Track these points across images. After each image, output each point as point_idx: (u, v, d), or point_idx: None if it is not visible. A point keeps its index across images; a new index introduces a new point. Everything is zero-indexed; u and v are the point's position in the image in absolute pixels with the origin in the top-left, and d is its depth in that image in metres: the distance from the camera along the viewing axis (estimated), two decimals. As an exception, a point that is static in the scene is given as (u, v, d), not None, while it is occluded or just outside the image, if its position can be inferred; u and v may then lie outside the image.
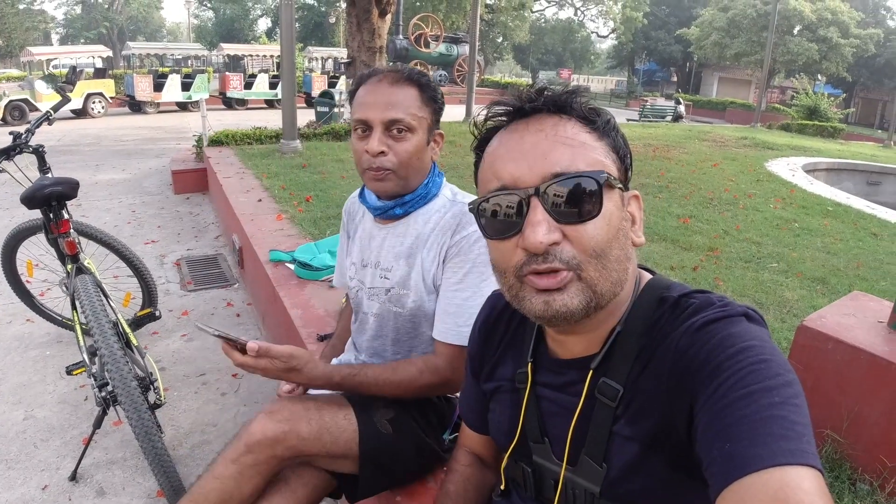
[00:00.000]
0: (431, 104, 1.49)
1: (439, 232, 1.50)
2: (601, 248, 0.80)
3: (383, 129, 1.43)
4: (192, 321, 4.03)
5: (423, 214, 1.54)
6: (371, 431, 1.46)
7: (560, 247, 0.79)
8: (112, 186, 8.10)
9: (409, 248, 1.54)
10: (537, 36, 52.11)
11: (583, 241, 0.79)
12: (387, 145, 1.43)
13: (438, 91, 1.51)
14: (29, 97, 16.54)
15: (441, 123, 1.56)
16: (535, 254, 0.79)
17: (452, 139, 10.00)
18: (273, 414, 1.36)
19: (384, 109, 1.42)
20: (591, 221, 0.79)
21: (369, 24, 8.93)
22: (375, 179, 1.47)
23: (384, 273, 1.58)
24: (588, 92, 0.89)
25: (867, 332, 2.18)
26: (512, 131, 0.85)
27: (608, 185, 0.80)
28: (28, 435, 2.80)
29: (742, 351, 0.72)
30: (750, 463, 0.62)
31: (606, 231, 0.80)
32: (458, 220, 1.48)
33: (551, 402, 0.95)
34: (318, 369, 1.39)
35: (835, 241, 5.70)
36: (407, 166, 1.46)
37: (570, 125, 0.83)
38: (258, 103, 21.85)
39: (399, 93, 1.44)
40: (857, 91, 41.40)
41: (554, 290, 0.80)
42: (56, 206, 2.76)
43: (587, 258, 0.79)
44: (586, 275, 0.80)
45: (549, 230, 0.78)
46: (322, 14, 45.44)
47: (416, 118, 1.45)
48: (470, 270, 1.45)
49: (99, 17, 48.66)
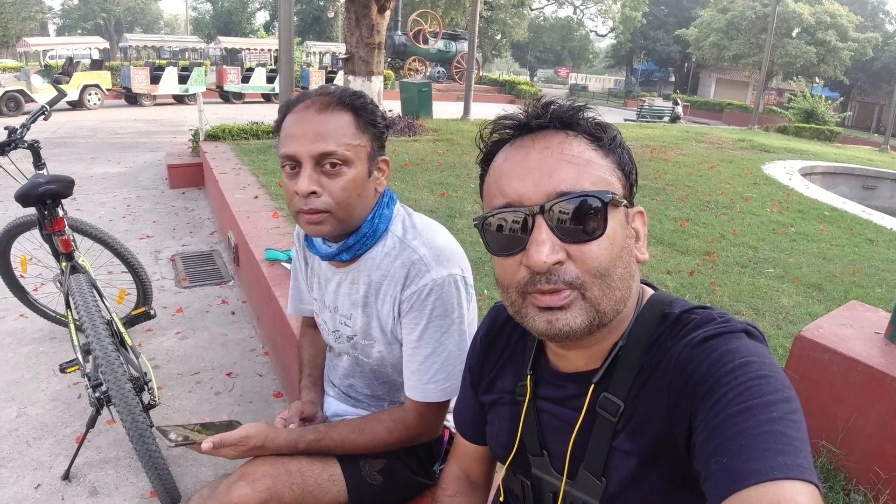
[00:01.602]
0: (370, 129, 1.31)
1: (390, 282, 1.36)
2: (605, 268, 0.79)
3: (314, 165, 1.25)
4: (156, 425, 4.01)
5: (371, 258, 1.39)
6: (360, 484, 1.42)
7: (564, 266, 0.78)
8: (107, 180, 8.06)
9: (363, 297, 1.42)
10: (536, 34, 52.11)
11: (587, 261, 0.79)
12: (319, 183, 1.25)
13: (378, 113, 1.34)
14: (25, 88, 16.45)
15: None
16: (539, 273, 0.78)
17: (450, 137, 10.01)
18: (255, 482, 1.32)
19: (312, 141, 1.24)
20: (595, 241, 0.79)
21: (368, 19, 8.89)
22: (310, 223, 1.29)
23: (344, 320, 1.48)
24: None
25: (864, 344, 2.18)
26: (518, 148, 0.85)
27: (613, 203, 0.80)
28: (21, 433, 2.78)
29: (742, 366, 0.72)
30: (747, 477, 0.63)
31: (610, 250, 0.80)
32: (406, 270, 1.33)
33: (551, 416, 0.95)
34: (279, 439, 1.34)
35: (831, 246, 5.72)
36: (345, 206, 1.29)
37: (576, 142, 0.83)
38: (255, 97, 21.78)
39: (330, 120, 1.26)
40: (854, 94, 41.56)
41: (557, 308, 0.80)
42: (51, 203, 2.74)
43: (591, 278, 0.79)
44: (590, 294, 0.79)
45: (553, 250, 0.78)
46: (321, 8, 45.36)
47: (351, 148, 1.26)
48: (426, 327, 1.33)
49: (96, 8, 48.46)
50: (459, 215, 5.36)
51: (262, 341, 3.75)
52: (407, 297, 1.34)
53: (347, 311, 1.47)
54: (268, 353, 3.59)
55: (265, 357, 3.56)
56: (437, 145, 9.30)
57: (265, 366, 3.47)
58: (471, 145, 8.06)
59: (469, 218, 5.24)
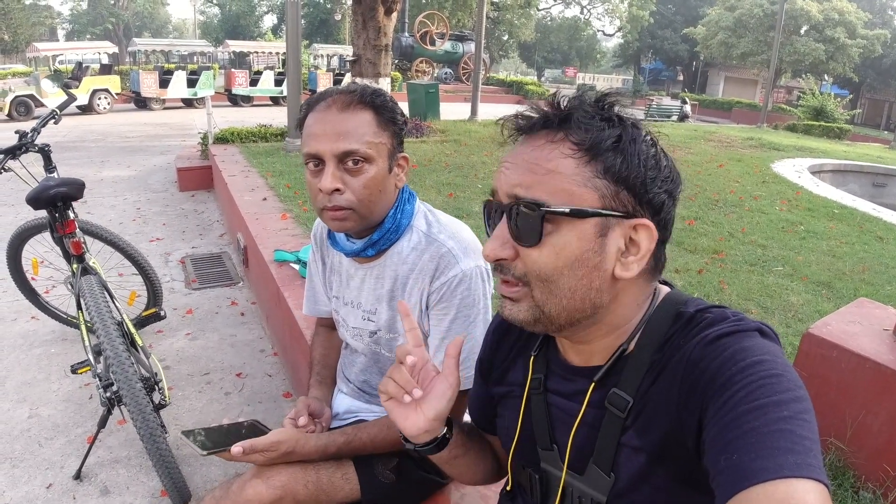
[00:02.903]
0: (390, 126, 1.34)
1: (418, 275, 1.39)
2: (546, 275, 0.82)
3: (337, 163, 1.28)
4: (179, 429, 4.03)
5: (397, 253, 1.42)
6: (373, 484, 1.43)
7: (514, 262, 0.84)
8: (117, 183, 8.12)
9: (389, 292, 1.44)
10: (543, 34, 52.03)
11: (527, 264, 0.83)
12: (342, 181, 1.29)
13: (397, 110, 1.37)
14: (35, 93, 16.57)
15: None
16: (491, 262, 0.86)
17: (458, 138, 10.01)
18: (269, 480, 1.33)
19: (335, 140, 1.27)
20: (534, 248, 0.81)
21: (375, 21, 8.91)
22: (334, 220, 1.33)
23: (368, 315, 1.50)
24: (594, 91, 0.88)
25: (872, 341, 2.17)
26: (522, 142, 0.86)
27: (557, 215, 0.79)
28: (33, 433, 2.81)
29: (754, 365, 0.72)
30: (756, 475, 0.62)
31: (554, 260, 0.81)
32: (435, 263, 1.36)
33: (560, 410, 0.95)
34: (309, 445, 1.35)
35: (840, 244, 5.69)
36: (368, 202, 1.32)
37: (555, 148, 0.81)
38: (263, 100, 21.85)
39: (351, 119, 1.28)
40: (863, 92, 41.32)
41: (508, 298, 0.86)
42: (62, 206, 2.77)
43: (534, 279, 0.83)
44: (535, 294, 0.83)
45: (502, 246, 0.83)
46: (328, 11, 45.49)
47: (372, 146, 1.29)
48: (455, 317, 1.36)
49: (105, 13, 48.78)
50: (467, 215, 5.38)
51: (271, 342, 3.77)
52: (436, 289, 1.36)
53: (372, 307, 1.48)
54: (277, 354, 3.60)
55: (274, 357, 3.58)
56: (444, 146, 9.30)
57: (274, 366, 3.48)
58: (478, 146, 8.06)
59: (477, 218, 5.25)
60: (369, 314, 1.50)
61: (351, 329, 1.56)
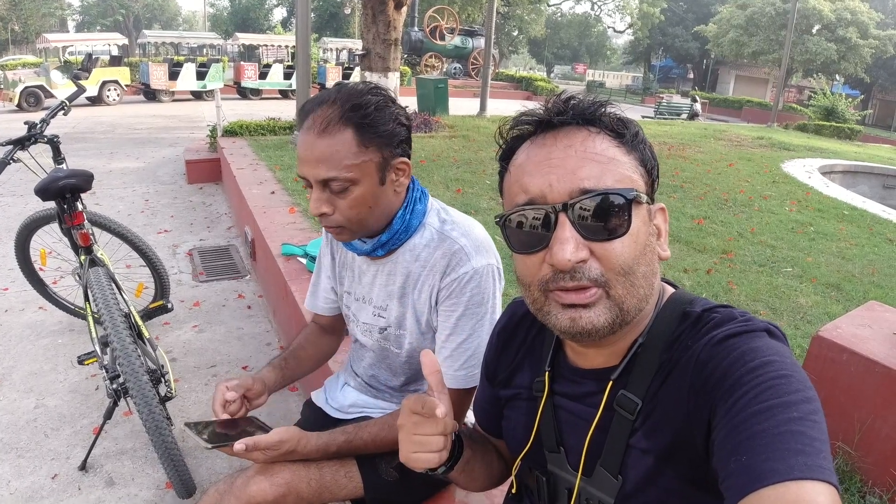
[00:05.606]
0: (375, 140, 1.28)
1: (429, 272, 1.39)
2: (629, 266, 0.79)
3: (322, 187, 1.28)
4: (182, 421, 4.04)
5: (410, 250, 1.42)
6: (376, 482, 1.43)
7: (587, 264, 0.78)
8: (126, 175, 8.14)
9: (400, 288, 1.44)
10: (553, 30, 51.94)
11: (610, 259, 0.78)
12: (329, 202, 1.29)
13: (389, 116, 1.30)
14: (44, 84, 16.62)
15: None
16: (563, 270, 0.78)
17: (466, 133, 10.01)
18: (273, 477, 1.33)
19: (315, 166, 1.25)
20: (618, 239, 0.78)
21: (385, 15, 8.89)
22: (334, 234, 1.38)
23: (379, 311, 1.50)
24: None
25: (882, 344, 2.15)
26: (539, 145, 0.84)
27: (636, 201, 0.80)
28: (39, 423, 2.82)
29: (763, 365, 0.72)
30: (766, 476, 0.62)
31: (634, 248, 0.79)
32: (447, 259, 1.36)
33: (568, 413, 0.95)
34: (311, 444, 1.35)
35: (850, 246, 5.65)
36: (357, 220, 1.32)
37: (598, 139, 0.82)
38: (272, 93, 21.88)
39: (329, 143, 1.24)
40: (874, 92, 41.05)
41: (580, 306, 0.79)
42: (70, 198, 2.77)
43: (615, 276, 0.79)
44: (614, 292, 0.79)
45: (577, 248, 0.77)
46: (338, 5, 45.41)
47: (353, 168, 1.26)
48: (463, 314, 1.36)
49: (115, 5, 48.84)
50: (475, 211, 5.37)
51: (277, 335, 3.77)
52: (446, 285, 1.36)
53: (382, 303, 1.49)
54: (283, 347, 3.60)
55: (281, 351, 3.58)
56: (453, 142, 9.29)
57: (280, 360, 3.48)
58: (487, 142, 8.04)
59: (485, 214, 5.24)
60: (380, 310, 1.50)
61: (361, 325, 1.56)
